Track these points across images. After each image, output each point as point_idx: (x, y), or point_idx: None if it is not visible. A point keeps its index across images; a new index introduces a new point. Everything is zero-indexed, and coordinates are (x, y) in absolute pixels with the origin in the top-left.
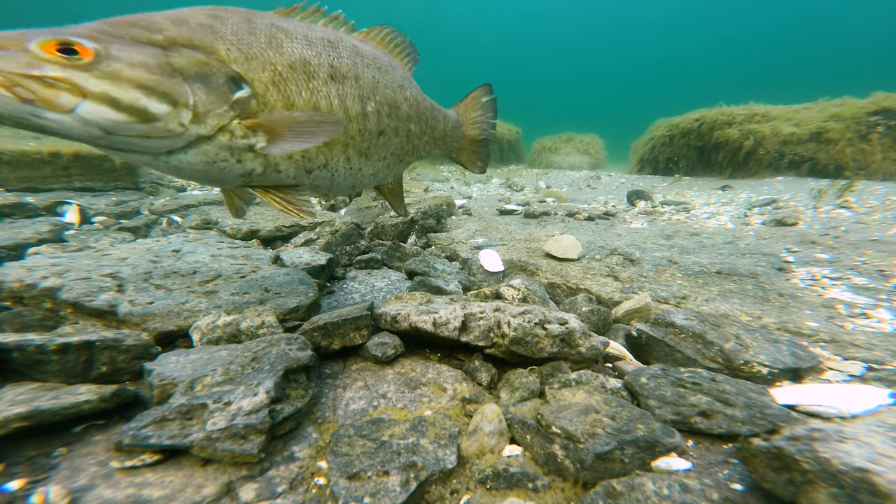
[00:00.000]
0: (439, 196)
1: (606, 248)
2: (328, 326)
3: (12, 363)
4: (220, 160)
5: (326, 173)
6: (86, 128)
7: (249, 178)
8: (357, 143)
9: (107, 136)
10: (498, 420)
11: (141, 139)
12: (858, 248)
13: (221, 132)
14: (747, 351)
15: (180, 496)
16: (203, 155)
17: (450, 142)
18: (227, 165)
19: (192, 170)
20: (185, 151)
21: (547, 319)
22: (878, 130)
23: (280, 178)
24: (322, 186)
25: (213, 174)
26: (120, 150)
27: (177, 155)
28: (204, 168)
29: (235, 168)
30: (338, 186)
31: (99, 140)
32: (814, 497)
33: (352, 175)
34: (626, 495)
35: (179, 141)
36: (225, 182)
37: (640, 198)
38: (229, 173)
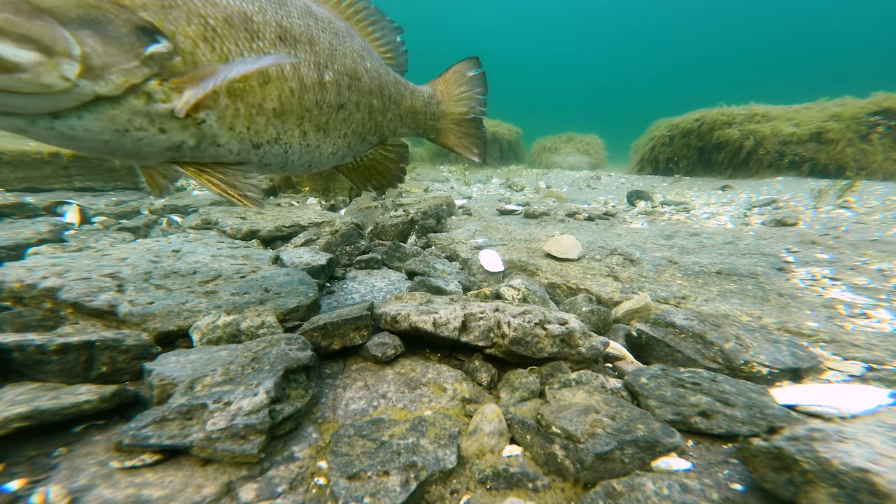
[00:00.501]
0: (439, 196)
1: (606, 248)
2: (328, 326)
3: (12, 363)
4: (136, 129)
5: (278, 149)
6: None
7: (178, 153)
8: (314, 117)
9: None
10: (498, 420)
11: (6, 96)
12: (858, 248)
13: (134, 94)
14: (747, 351)
15: (180, 496)
16: (109, 121)
17: (422, 119)
18: (146, 136)
19: (95, 140)
20: (78, 115)
21: (547, 319)
22: (879, 130)
23: (220, 154)
24: (273, 165)
25: (127, 147)
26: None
27: (67, 119)
28: (112, 139)
29: (157, 140)
30: (292, 165)
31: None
32: (814, 497)
33: (308, 153)
34: (626, 495)
35: (66, 100)
36: (144, 157)
37: (640, 198)
38: (149, 146)
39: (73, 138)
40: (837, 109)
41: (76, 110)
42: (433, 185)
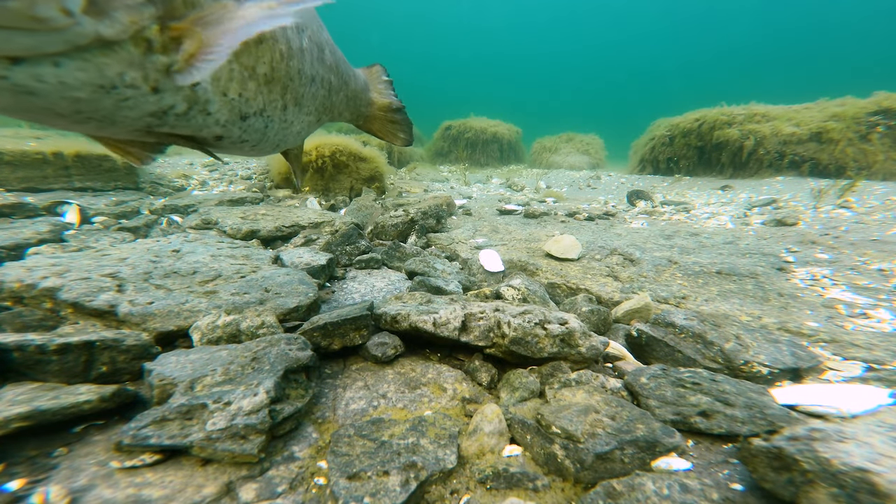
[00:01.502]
0: (439, 196)
1: (606, 248)
2: (328, 326)
3: (12, 363)
4: (125, 85)
5: (260, 123)
6: None
7: (160, 121)
8: (294, 88)
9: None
10: (498, 420)
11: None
12: (858, 248)
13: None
14: (747, 351)
15: (180, 496)
16: (95, 73)
17: (359, 104)
18: (134, 96)
19: (62, 97)
20: (55, 62)
21: (547, 319)
22: (879, 130)
23: (204, 125)
24: (248, 142)
25: (104, 109)
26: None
27: (34, 67)
28: (89, 97)
29: (145, 102)
30: (264, 143)
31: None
32: (814, 497)
33: (282, 129)
34: (626, 495)
35: (53, 41)
36: (115, 124)
37: (640, 198)
38: (132, 109)
39: (32, 93)
40: (838, 109)
41: (55, 56)
42: (433, 185)
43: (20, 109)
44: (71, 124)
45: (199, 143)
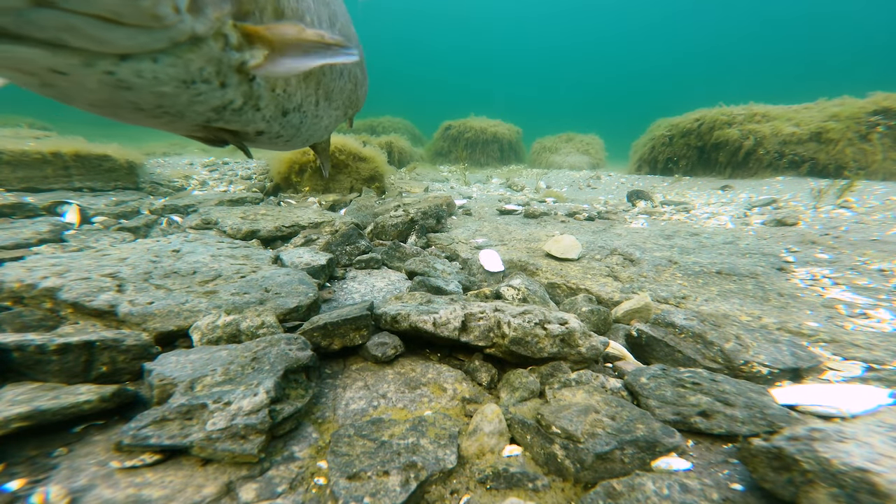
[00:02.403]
0: (439, 196)
1: (606, 248)
2: (328, 326)
3: (12, 363)
4: (201, 80)
5: (297, 118)
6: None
7: (218, 116)
8: (326, 83)
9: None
10: (498, 420)
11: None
12: (858, 248)
13: (214, 36)
14: (747, 351)
15: (180, 496)
16: (182, 68)
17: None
18: (206, 91)
19: (152, 92)
20: (154, 58)
21: (547, 319)
22: (878, 130)
23: (251, 121)
24: (283, 137)
25: (179, 103)
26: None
27: (137, 63)
28: (172, 91)
29: (213, 97)
30: (296, 138)
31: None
32: (814, 497)
33: (314, 124)
34: (626, 495)
35: (159, 38)
36: (183, 118)
37: (640, 198)
38: (201, 104)
39: (129, 88)
40: (837, 109)
41: (158, 54)
42: (433, 185)
43: (108, 104)
44: (143, 118)
45: (241, 138)
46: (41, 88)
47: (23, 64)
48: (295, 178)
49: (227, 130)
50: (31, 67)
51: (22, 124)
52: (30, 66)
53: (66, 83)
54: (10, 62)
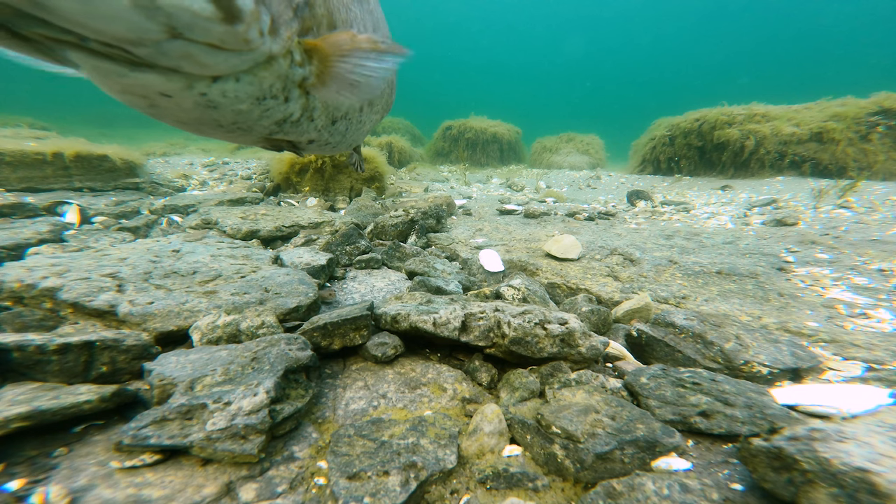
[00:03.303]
0: (439, 196)
1: (606, 248)
2: (328, 326)
3: (12, 363)
4: (271, 96)
5: (344, 125)
6: (143, 18)
7: (280, 129)
8: None
9: (166, 39)
10: (498, 420)
11: (206, 51)
12: (858, 248)
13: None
14: (747, 351)
15: (180, 496)
16: (257, 86)
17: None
18: (273, 106)
19: (231, 109)
20: (237, 78)
21: (547, 319)
22: (879, 130)
23: (305, 131)
24: (331, 143)
25: (252, 118)
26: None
27: (224, 83)
28: (247, 107)
29: (278, 110)
30: (342, 144)
31: (141, 47)
32: (814, 497)
33: (357, 129)
34: (626, 495)
35: (245, 60)
36: (253, 131)
37: (640, 198)
38: (268, 118)
39: (214, 107)
40: (838, 109)
41: (239, 74)
42: (433, 185)
43: (195, 121)
44: (219, 133)
45: (295, 146)
46: (146, 108)
47: (142, 89)
48: (295, 179)
49: (283, 141)
50: (147, 91)
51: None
52: (146, 90)
53: (167, 104)
54: (135, 88)
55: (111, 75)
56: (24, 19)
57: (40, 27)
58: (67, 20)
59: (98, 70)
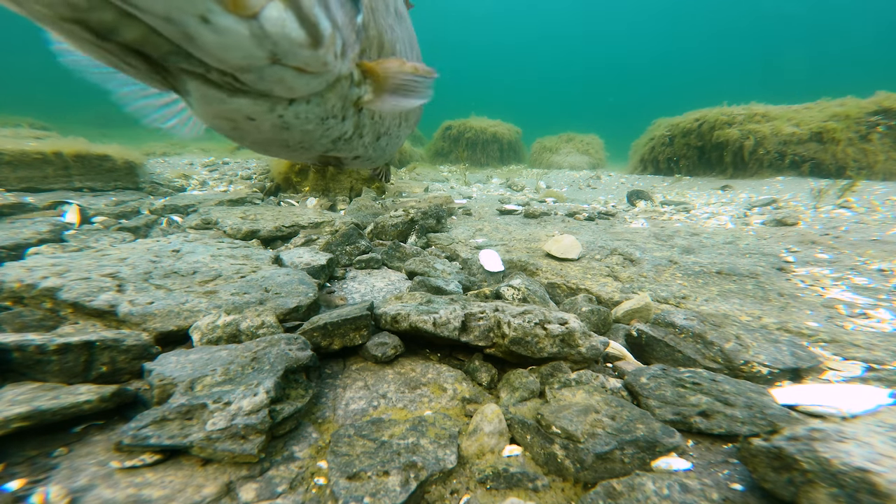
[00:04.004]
0: (439, 196)
1: (606, 248)
2: (328, 326)
3: (12, 363)
4: (332, 116)
5: (385, 141)
6: (255, 47)
7: (334, 147)
8: None
9: (268, 65)
10: (498, 420)
11: (294, 74)
12: (858, 248)
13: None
14: (747, 351)
15: (180, 496)
16: (323, 107)
17: None
18: (333, 125)
19: (300, 129)
20: (307, 101)
21: (547, 319)
22: (879, 130)
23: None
24: (372, 158)
25: (315, 137)
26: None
27: (297, 106)
28: (313, 127)
29: (336, 129)
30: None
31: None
32: (814, 497)
33: (395, 143)
34: (626, 495)
35: (321, 82)
36: (313, 149)
37: (640, 198)
38: (327, 137)
39: (287, 128)
40: (838, 109)
41: (311, 94)
42: (433, 185)
43: (268, 142)
44: (284, 152)
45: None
46: (230, 131)
47: (234, 113)
48: (295, 178)
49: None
50: (237, 115)
51: (22, 124)
52: (237, 114)
53: (249, 126)
54: (229, 112)
55: (214, 101)
56: (175, 55)
57: (183, 61)
58: (206, 52)
59: (206, 97)
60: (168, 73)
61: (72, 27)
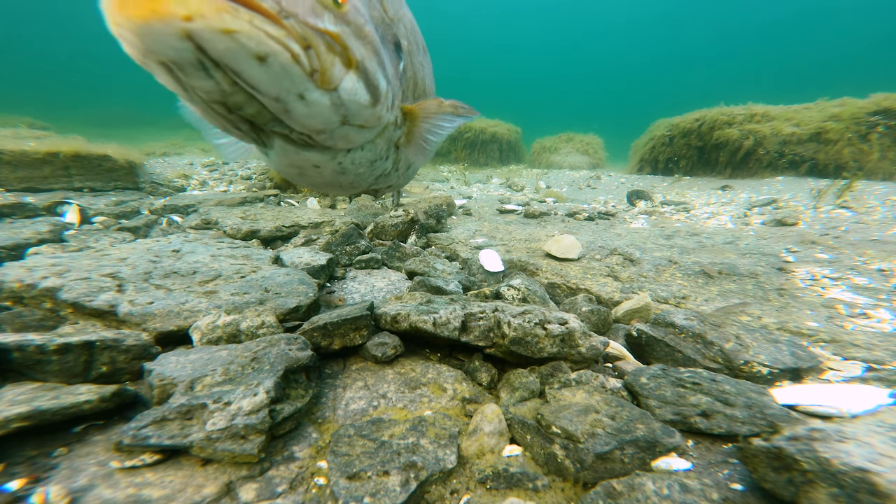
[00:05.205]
0: (439, 196)
1: (606, 248)
2: (328, 326)
3: (12, 363)
4: (380, 157)
5: (412, 170)
6: (332, 113)
7: (377, 181)
8: None
9: (338, 126)
10: (498, 420)
11: (356, 130)
12: (858, 248)
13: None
14: (747, 351)
15: (180, 496)
16: (373, 151)
17: None
18: (379, 164)
19: (354, 172)
20: (362, 148)
21: (547, 319)
22: (878, 130)
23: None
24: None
25: (363, 177)
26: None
27: (353, 153)
28: (365, 170)
29: (381, 167)
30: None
31: (322, 134)
32: (814, 497)
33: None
34: (626, 495)
35: (374, 132)
36: (359, 187)
37: (640, 198)
38: (372, 175)
39: (343, 172)
40: (837, 110)
41: (366, 143)
42: (433, 185)
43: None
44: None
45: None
46: (295, 175)
47: (303, 163)
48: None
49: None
50: (305, 164)
51: (22, 124)
52: (305, 163)
53: (313, 173)
54: (299, 162)
55: (290, 154)
56: (273, 122)
57: (277, 126)
58: (295, 120)
59: (284, 150)
60: (262, 133)
61: (215, 106)
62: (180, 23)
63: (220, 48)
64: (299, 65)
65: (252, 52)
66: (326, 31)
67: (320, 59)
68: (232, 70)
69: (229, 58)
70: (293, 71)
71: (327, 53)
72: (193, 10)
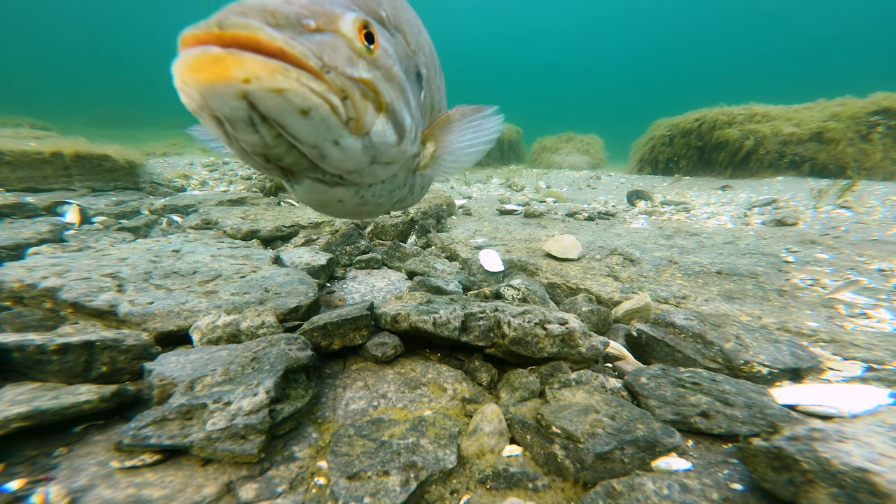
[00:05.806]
0: (439, 196)
1: (606, 248)
2: (328, 326)
3: (12, 363)
4: (400, 186)
5: (425, 192)
6: (363, 155)
7: (393, 206)
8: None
9: (367, 166)
10: (498, 420)
11: (382, 167)
12: (858, 248)
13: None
14: (747, 351)
15: (180, 496)
16: (394, 181)
17: None
18: (397, 192)
19: (375, 202)
20: (384, 181)
21: (547, 319)
22: (879, 130)
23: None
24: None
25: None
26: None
27: (376, 186)
28: (384, 200)
29: (398, 195)
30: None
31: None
32: (814, 497)
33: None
34: (626, 495)
35: (398, 166)
36: (377, 213)
37: (640, 198)
38: (390, 202)
39: (364, 203)
40: (837, 109)
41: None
42: (433, 184)
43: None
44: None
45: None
46: (320, 207)
47: (330, 198)
48: None
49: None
50: (331, 199)
51: (22, 124)
52: (331, 199)
53: (337, 206)
54: (326, 198)
55: (318, 192)
56: (310, 169)
57: (311, 172)
58: (329, 164)
59: (313, 189)
60: (293, 175)
61: (256, 158)
62: (240, 85)
63: (270, 105)
64: (337, 115)
65: (297, 108)
66: (361, 79)
67: (355, 108)
68: (278, 123)
69: (276, 113)
70: (331, 121)
71: (362, 101)
72: (251, 73)
